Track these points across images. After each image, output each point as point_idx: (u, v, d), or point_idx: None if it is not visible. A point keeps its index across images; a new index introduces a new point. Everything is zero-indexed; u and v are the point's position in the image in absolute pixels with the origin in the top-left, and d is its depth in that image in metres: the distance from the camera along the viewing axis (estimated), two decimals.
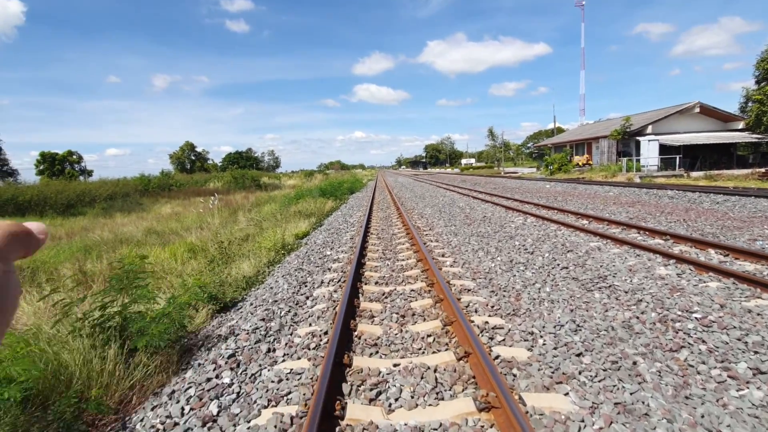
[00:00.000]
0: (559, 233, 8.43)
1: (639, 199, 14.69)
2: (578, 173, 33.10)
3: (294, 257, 7.81)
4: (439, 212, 13.23)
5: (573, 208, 12.37)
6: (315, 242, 9.02)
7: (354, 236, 9.20)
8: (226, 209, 21.22)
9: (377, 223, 11.21)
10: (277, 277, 6.29)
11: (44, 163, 65.55)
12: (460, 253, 6.98)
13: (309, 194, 18.75)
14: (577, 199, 15.62)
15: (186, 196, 33.16)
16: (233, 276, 7.09)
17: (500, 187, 24.41)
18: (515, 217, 11.16)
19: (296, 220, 13.33)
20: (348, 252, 7.46)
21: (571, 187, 21.37)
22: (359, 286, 5.06)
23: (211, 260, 8.60)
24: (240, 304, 5.50)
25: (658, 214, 10.97)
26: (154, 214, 25.48)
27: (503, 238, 8.28)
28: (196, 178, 50.79)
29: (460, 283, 5.02)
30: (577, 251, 6.70)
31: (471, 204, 15.21)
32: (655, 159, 26.43)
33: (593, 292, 4.84)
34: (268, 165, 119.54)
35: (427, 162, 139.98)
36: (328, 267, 6.36)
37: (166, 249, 11.71)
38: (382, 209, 14.99)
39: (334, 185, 22.49)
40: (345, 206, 17.13)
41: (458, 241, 8.01)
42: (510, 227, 9.58)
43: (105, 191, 32.59)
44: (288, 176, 73.97)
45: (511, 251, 7.08)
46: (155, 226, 16.88)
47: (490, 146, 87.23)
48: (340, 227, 11.02)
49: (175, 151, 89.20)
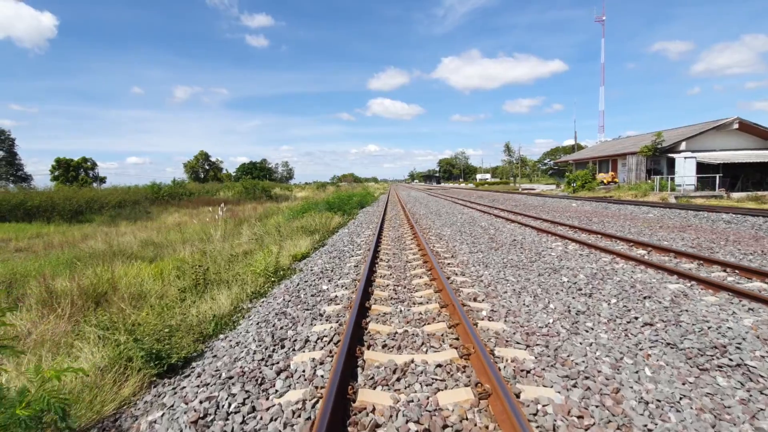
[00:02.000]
0: (618, 267, 6.68)
1: (688, 222, 12.78)
2: (604, 191, 31.03)
3: (283, 289, 6.23)
4: (459, 233, 11.54)
5: (617, 233, 10.56)
6: (312, 269, 7.43)
7: (359, 263, 7.58)
8: (233, 220, 19.98)
9: (388, 246, 9.58)
10: (252, 323, 4.70)
11: (59, 169, 65.87)
12: (497, 294, 5.29)
13: (315, 208, 17.25)
14: (613, 220, 13.77)
15: (196, 206, 32.43)
16: (202, 313, 5.55)
17: (522, 205, 22.59)
18: (551, 242, 9.42)
19: (298, 237, 11.81)
20: (349, 288, 5.83)
21: (602, 207, 19.46)
22: (359, 352, 3.43)
23: (195, 283, 7.17)
24: (196, 363, 3.93)
25: (723, 242, 9.12)
26: (160, 223, 24.48)
27: (545, 272, 6.57)
28: (207, 188, 50.20)
29: (511, 355, 3.33)
30: (656, 297, 4.96)
31: (494, 224, 13.48)
32: (692, 178, 24.30)
33: (715, 377, 3.13)
34: (282, 176, 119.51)
35: (440, 176, 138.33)
36: (320, 312, 4.73)
37: (154, 265, 10.36)
38: (393, 227, 13.37)
39: (342, 199, 20.91)
40: (353, 222, 15.56)
41: (490, 276, 6.31)
42: (549, 256, 7.86)
43: (114, 198, 31.98)
44: (300, 188, 73.12)
45: (562, 292, 5.37)
46: (154, 237, 15.67)
47: (506, 162, 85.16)
48: (345, 249, 9.42)
49: (190, 160, 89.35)
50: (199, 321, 5.37)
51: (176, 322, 5.01)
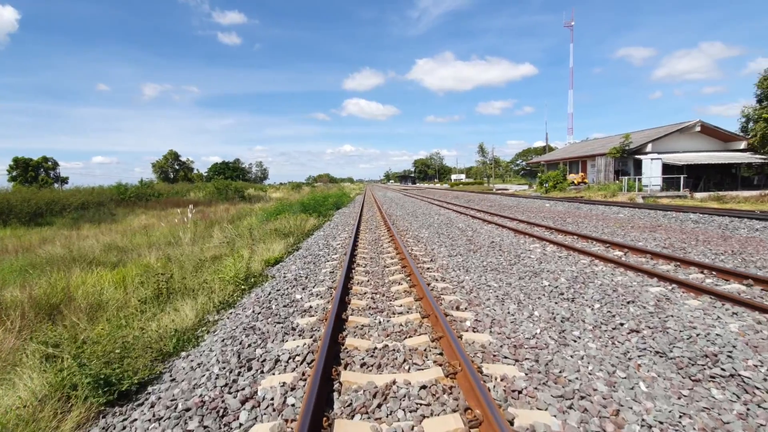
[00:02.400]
0: (598, 270, 6.61)
1: (658, 222, 13.09)
2: (575, 192, 31.78)
3: (253, 299, 5.81)
4: (437, 234, 11.36)
5: (592, 233, 10.64)
6: (285, 276, 7.02)
7: (335, 269, 7.23)
8: (203, 222, 19.19)
9: (365, 249, 9.27)
10: (217, 339, 4.29)
11: (17, 169, 62.02)
12: (480, 302, 5.08)
13: (290, 209, 16.73)
14: (586, 221, 13.96)
15: (164, 207, 31.25)
16: (163, 327, 5.08)
17: (497, 205, 22.76)
18: (529, 244, 9.35)
19: (271, 241, 11.34)
20: (325, 297, 5.48)
21: (574, 207, 19.81)
22: (335, 373, 3.10)
23: (157, 293, 6.67)
24: (152, 387, 3.50)
25: (693, 242, 9.31)
26: (125, 225, 23.31)
27: (526, 275, 6.43)
28: (177, 188, 48.42)
29: (500, 372, 3.09)
30: (640, 302, 4.87)
31: (471, 225, 13.39)
32: (658, 179, 25.16)
33: (710, 389, 2.99)
34: (256, 176, 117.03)
35: (415, 177, 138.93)
36: (292, 325, 4.36)
37: (116, 272, 9.69)
38: (370, 229, 13.07)
39: (317, 200, 20.40)
40: (329, 224, 15.15)
41: (471, 281, 6.11)
42: (529, 258, 7.75)
43: (77, 200, 30.31)
44: (275, 188, 71.59)
45: (544, 297, 5.22)
46: (118, 241, 14.80)
47: (480, 162, 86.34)
48: (320, 253, 9.04)
49: (158, 160, 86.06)
50: (160, 336, 4.90)
51: (133, 338, 4.54)
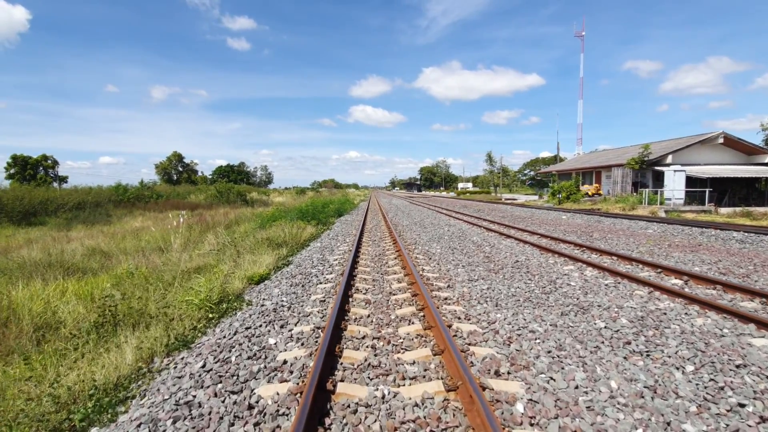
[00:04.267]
0: (664, 306, 5.15)
1: (696, 241, 11.57)
2: (590, 203, 30.21)
3: (215, 338, 4.40)
4: (450, 250, 9.93)
5: (630, 253, 9.14)
6: (264, 304, 5.60)
7: (327, 296, 5.79)
8: (199, 226, 17.91)
9: (367, 267, 7.86)
10: (137, 419, 2.87)
11: (15, 166, 61.23)
12: (528, 361, 3.60)
13: (286, 216, 15.37)
14: (614, 236, 12.47)
15: (164, 209, 30.21)
16: (82, 380, 3.70)
17: (510, 216, 21.28)
18: (561, 265, 7.90)
19: (261, 252, 9.97)
20: (308, 343, 4.04)
21: (595, 220, 18.29)
22: None
23: (100, 322, 5.33)
24: None
25: (751, 266, 7.84)
26: (120, 228, 22.18)
27: (570, 311, 4.99)
28: (178, 190, 47.39)
29: None
30: (755, 365, 3.41)
31: (487, 239, 11.95)
32: (681, 192, 23.59)
33: None
34: (260, 180, 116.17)
35: (421, 185, 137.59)
36: (250, 402, 2.90)
37: (84, 282, 8.38)
38: (374, 242, 11.66)
39: (317, 206, 18.92)
40: (328, 234, 13.74)
41: (506, 321, 4.65)
42: (568, 286, 6.30)
43: (73, 200, 29.24)
44: (279, 192, 70.45)
45: (606, 349, 3.77)
46: (104, 245, 13.53)
47: (488, 171, 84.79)
48: (312, 271, 7.62)
49: (162, 161, 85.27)
50: (72, 396, 3.51)
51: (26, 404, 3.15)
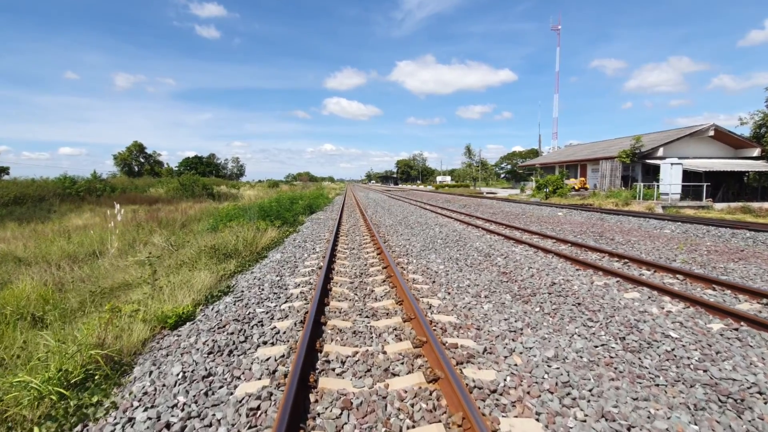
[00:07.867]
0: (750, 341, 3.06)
1: (734, 245, 9.79)
2: (579, 198, 28.78)
3: None
4: (453, 262, 7.69)
5: (671, 263, 7.15)
6: (152, 400, 3.15)
7: (271, 380, 3.40)
8: (149, 225, 15.00)
9: (342, 302, 5.50)
10: None
11: None
12: None
13: (244, 215, 12.74)
14: (635, 239, 10.58)
15: (119, 204, 26.60)
16: None
17: (501, 213, 19.33)
18: (620, 291, 5.78)
19: (201, 267, 7.47)
20: None
21: (596, 218, 16.50)
22: None
23: None
24: None
25: None
26: (60, 225, 18.87)
27: (714, 404, 2.83)
28: (137, 183, 43.28)
29: None
30: None
31: (493, 244, 9.79)
32: (678, 186, 22.31)
33: None
34: (232, 173, 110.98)
35: (398, 178, 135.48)
36: None
37: None
38: (352, 251, 9.28)
39: (283, 203, 16.09)
40: (295, 239, 11.23)
41: None
42: (667, 340, 4.16)
43: (9, 194, 25.33)
44: (250, 185, 66.58)
45: None
46: (21, 250, 10.64)
47: (467, 164, 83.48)
48: (260, 310, 5.16)
49: (121, 152, 79.33)
50: None
51: None
